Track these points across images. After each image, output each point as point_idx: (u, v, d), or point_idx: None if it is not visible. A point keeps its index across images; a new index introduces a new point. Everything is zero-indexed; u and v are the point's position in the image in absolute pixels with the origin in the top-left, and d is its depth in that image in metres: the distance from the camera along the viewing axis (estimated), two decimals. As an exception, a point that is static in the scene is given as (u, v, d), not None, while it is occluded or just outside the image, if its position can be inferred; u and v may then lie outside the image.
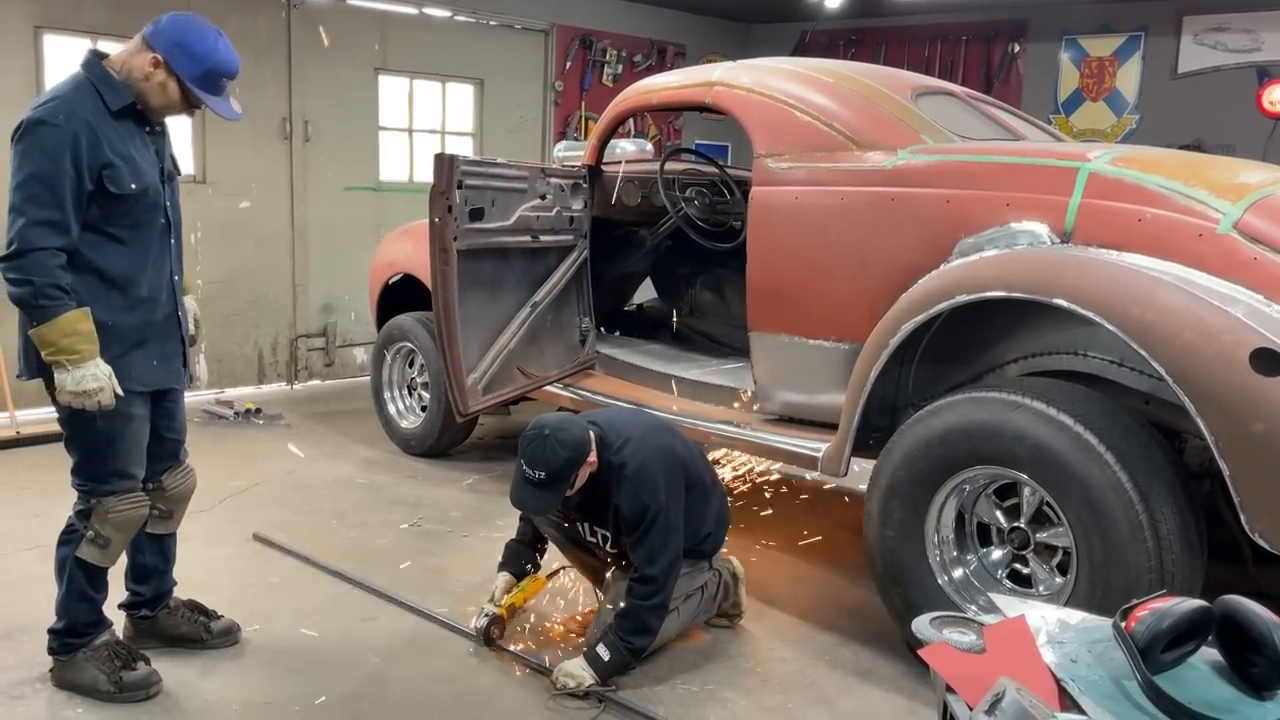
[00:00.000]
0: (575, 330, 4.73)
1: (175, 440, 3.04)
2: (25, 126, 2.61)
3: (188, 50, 2.70)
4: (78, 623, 2.88)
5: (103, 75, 2.71)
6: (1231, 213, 2.76)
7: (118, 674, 2.84)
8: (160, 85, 2.72)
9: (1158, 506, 2.65)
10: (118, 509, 2.80)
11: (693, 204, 4.69)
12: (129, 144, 2.72)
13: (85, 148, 2.59)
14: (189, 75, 2.70)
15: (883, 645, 3.35)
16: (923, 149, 3.45)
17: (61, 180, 2.57)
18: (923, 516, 3.07)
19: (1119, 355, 3.07)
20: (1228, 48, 7.20)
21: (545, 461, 2.92)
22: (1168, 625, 1.50)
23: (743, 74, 4.06)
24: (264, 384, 6.98)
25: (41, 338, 2.60)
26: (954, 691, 1.52)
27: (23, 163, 2.59)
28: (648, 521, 3.01)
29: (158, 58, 2.69)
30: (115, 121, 2.69)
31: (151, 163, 2.80)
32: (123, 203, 2.68)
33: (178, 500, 3.07)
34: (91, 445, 2.77)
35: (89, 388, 2.61)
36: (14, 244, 2.58)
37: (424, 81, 7.61)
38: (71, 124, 2.58)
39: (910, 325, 3.12)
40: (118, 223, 2.71)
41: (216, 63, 2.74)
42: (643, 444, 3.11)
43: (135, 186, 2.69)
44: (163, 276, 2.86)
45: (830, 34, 9.12)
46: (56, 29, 5.89)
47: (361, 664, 3.13)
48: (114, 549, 2.84)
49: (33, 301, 2.58)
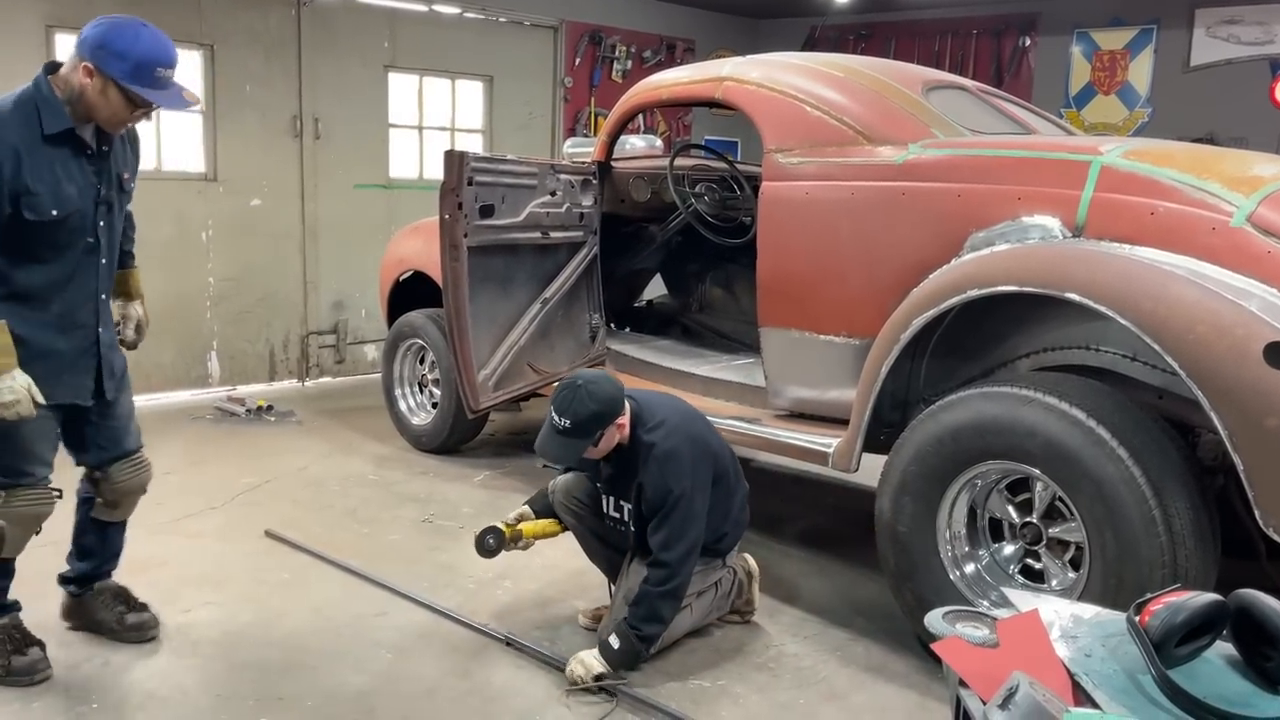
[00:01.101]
0: (585, 326, 4.73)
1: (116, 428, 3.05)
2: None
3: (111, 49, 2.61)
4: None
5: (46, 97, 2.66)
6: (1245, 206, 2.74)
7: (7, 658, 2.91)
8: (99, 93, 2.64)
9: (1171, 501, 2.64)
10: (15, 503, 2.82)
11: (703, 200, 4.69)
12: (58, 168, 2.68)
13: (6, 174, 2.58)
14: (120, 74, 2.61)
15: (895, 641, 3.34)
16: (933, 143, 3.44)
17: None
18: (934, 512, 3.07)
19: (1131, 350, 3.05)
20: (1240, 40, 7.16)
21: (572, 411, 2.96)
22: (1182, 619, 1.50)
23: (752, 69, 4.06)
24: (275, 381, 7.00)
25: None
26: (967, 686, 1.52)
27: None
28: (669, 505, 3.02)
29: (88, 65, 2.62)
30: (48, 145, 2.65)
31: (85, 186, 2.75)
32: (41, 228, 2.67)
33: (125, 492, 3.10)
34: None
35: (6, 400, 2.63)
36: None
37: (434, 79, 7.62)
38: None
39: (921, 320, 3.11)
40: (36, 244, 2.70)
41: (142, 54, 2.62)
42: (677, 429, 3.13)
43: (56, 213, 2.67)
44: (82, 296, 2.86)
45: (840, 29, 9.10)
46: (68, 28, 5.91)
47: (374, 659, 3.14)
48: (16, 542, 2.86)
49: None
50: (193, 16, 6.33)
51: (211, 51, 6.44)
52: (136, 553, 3.92)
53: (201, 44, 6.41)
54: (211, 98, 6.49)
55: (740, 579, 3.41)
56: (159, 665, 3.08)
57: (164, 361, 6.44)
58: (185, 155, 6.50)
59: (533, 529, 3.38)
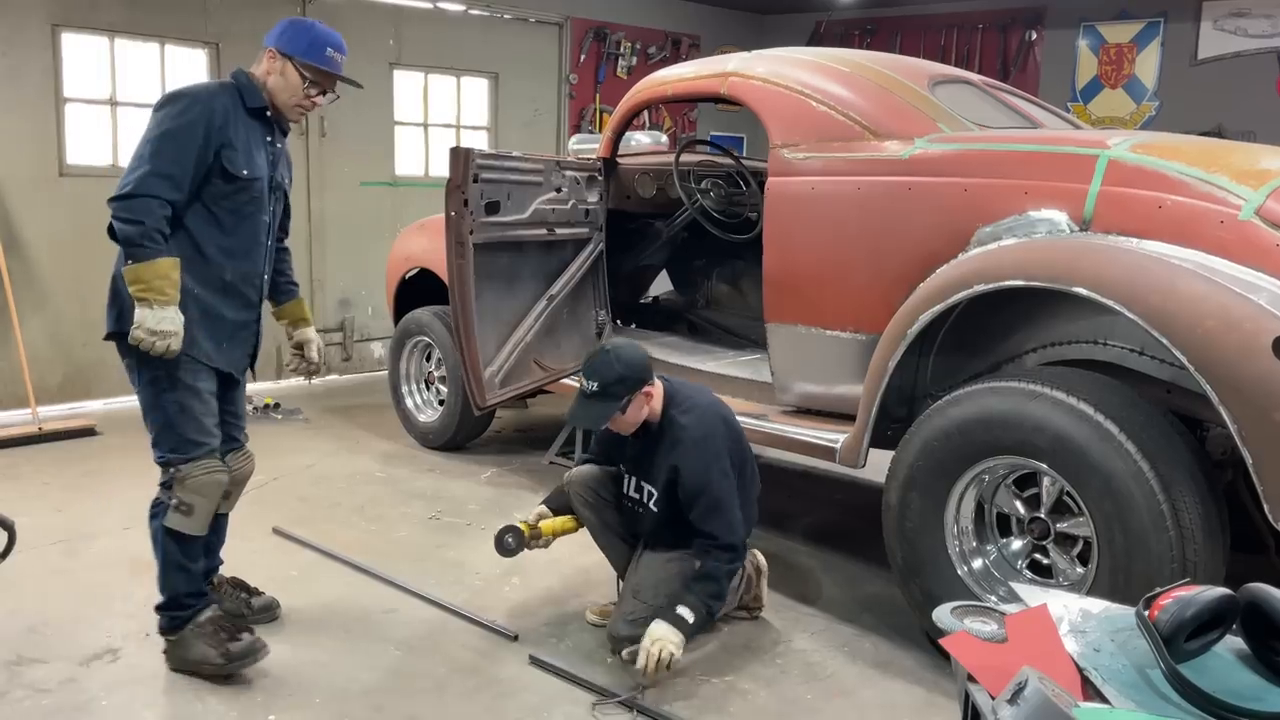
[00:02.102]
0: (591, 323, 4.73)
1: (236, 424, 3.19)
2: (169, 96, 2.86)
3: (290, 32, 3.00)
4: (178, 593, 3.00)
5: (244, 82, 2.98)
6: (1253, 199, 2.73)
7: (224, 645, 2.94)
8: (280, 74, 2.97)
9: (1180, 496, 2.63)
10: (195, 475, 2.92)
11: (708, 196, 4.68)
12: (251, 140, 2.95)
13: (216, 124, 2.83)
14: (297, 50, 2.95)
15: (903, 637, 3.34)
16: (940, 138, 3.43)
17: (190, 144, 2.79)
18: (942, 507, 3.06)
19: (1139, 344, 3.04)
20: (1248, 33, 7.13)
21: (600, 374, 3.04)
22: (1192, 614, 1.49)
23: (757, 64, 4.05)
24: (282, 379, 7.01)
25: (136, 276, 2.73)
26: (976, 681, 1.51)
27: (160, 123, 2.81)
28: (714, 489, 3.06)
29: (272, 50, 2.98)
30: (246, 117, 2.94)
31: (265, 164, 3.00)
32: (231, 185, 2.88)
33: (238, 482, 3.19)
34: (167, 416, 2.91)
35: (165, 328, 2.74)
36: (128, 186, 2.75)
37: (439, 76, 7.62)
38: (212, 102, 2.85)
39: (928, 315, 3.10)
40: (222, 204, 2.90)
41: (316, 35, 3.01)
42: (709, 412, 3.19)
43: (246, 173, 2.90)
44: (251, 270, 3.03)
45: (845, 23, 9.08)
46: (74, 28, 5.93)
47: (381, 656, 3.15)
48: (199, 515, 2.95)
49: (138, 241, 2.72)
50: (198, 15, 6.34)
51: (217, 50, 6.45)
52: (144, 551, 3.93)
53: (207, 43, 6.42)
54: (217, 96, 6.49)
55: (749, 574, 3.41)
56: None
57: (171, 360, 6.45)
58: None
59: (551, 526, 3.38)
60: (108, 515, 4.30)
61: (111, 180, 6.22)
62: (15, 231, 5.80)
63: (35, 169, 5.85)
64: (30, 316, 5.83)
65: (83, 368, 6.14)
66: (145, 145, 2.81)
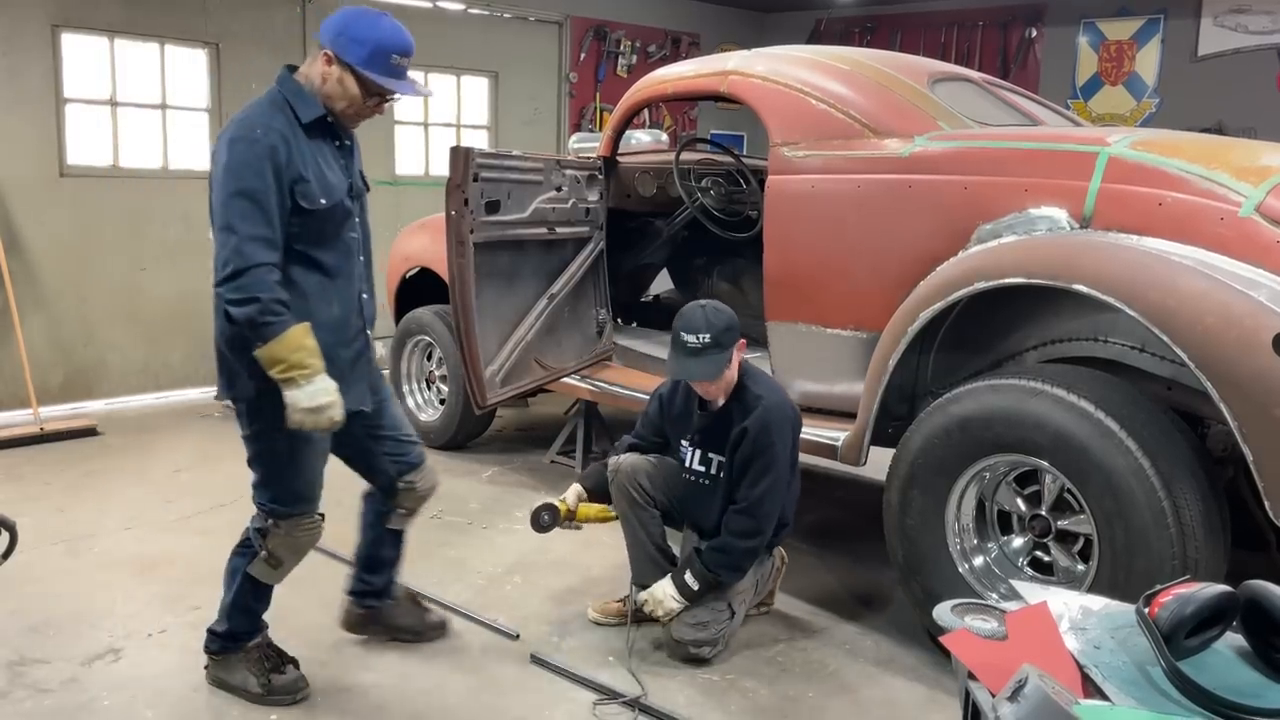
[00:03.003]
0: (592, 322, 4.73)
1: (399, 436, 2.99)
2: (226, 145, 2.55)
3: (350, 35, 2.62)
4: (238, 630, 2.90)
5: (294, 89, 2.66)
6: (1254, 195, 2.73)
7: (267, 676, 2.86)
8: (338, 82, 2.64)
9: (1180, 493, 2.63)
10: (294, 533, 2.79)
11: (709, 194, 4.68)
12: (319, 158, 2.65)
13: (281, 161, 2.54)
14: (357, 60, 2.61)
15: (904, 634, 3.34)
16: (940, 135, 3.43)
17: (267, 195, 2.51)
18: (943, 505, 3.06)
19: (1140, 341, 3.04)
20: (1248, 29, 7.12)
21: (709, 323, 3.05)
22: (1192, 611, 1.49)
23: (757, 62, 4.05)
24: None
25: (271, 356, 2.50)
26: (976, 679, 1.51)
27: (227, 180, 2.52)
28: (769, 460, 3.08)
29: (328, 53, 2.63)
30: (307, 135, 2.63)
31: (340, 178, 2.71)
32: (313, 219, 2.61)
33: (423, 497, 3.09)
34: (274, 467, 2.73)
35: (321, 402, 2.53)
36: (230, 264, 2.48)
37: (439, 75, 7.62)
38: (269, 137, 2.53)
39: (929, 313, 3.10)
40: (308, 240, 2.63)
41: (380, 40, 2.62)
42: (779, 393, 3.24)
43: (325, 202, 2.62)
44: (352, 296, 2.79)
45: (846, 21, 9.07)
46: (74, 28, 5.93)
47: (383, 655, 3.15)
48: (284, 570, 2.85)
49: (259, 319, 2.47)
50: (198, 15, 6.34)
51: (217, 50, 6.45)
52: (146, 550, 3.94)
53: (207, 43, 6.42)
54: (217, 96, 6.50)
55: (776, 565, 3.43)
56: (169, 662, 3.09)
57: (172, 361, 6.46)
58: (191, 154, 6.51)
59: (587, 512, 3.36)
60: (109, 515, 4.31)
61: (112, 181, 6.30)
62: (16, 232, 5.80)
63: (36, 169, 5.85)
64: (31, 317, 5.84)
65: (84, 368, 6.15)
66: (224, 210, 2.52)
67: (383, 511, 3.08)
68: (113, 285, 6.20)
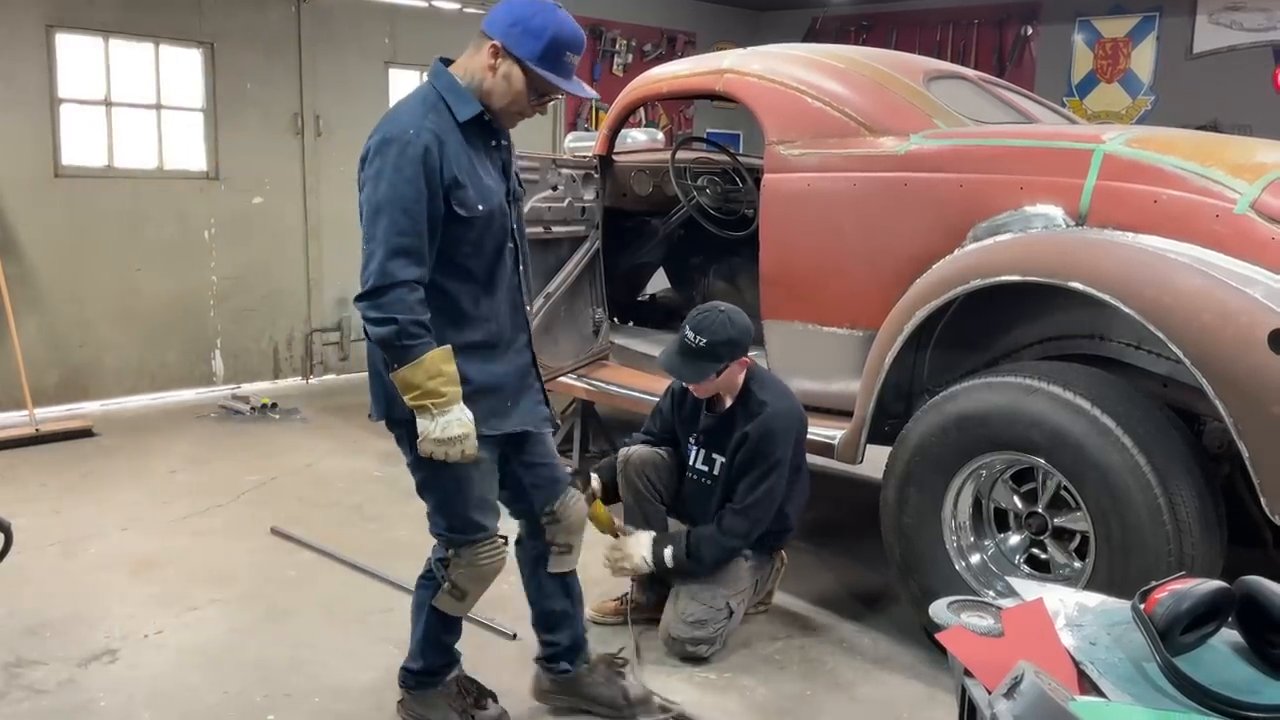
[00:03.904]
0: (589, 321, 4.73)
1: (551, 463, 2.71)
2: (376, 147, 2.33)
3: (527, 26, 2.36)
4: (434, 666, 2.76)
5: (449, 84, 2.41)
6: (1249, 192, 2.73)
7: (470, 712, 2.73)
8: (504, 77, 2.39)
9: (1176, 490, 2.63)
10: (476, 561, 2.60)
11: (705, 193, 4.68)
12: (476, 161, 2.42)
13: (435, 164, 2.31)
14: (531, 55, 2.36)
15: (901, 632, 3.34)
16: (935, 133, 3.43)
17: (418, 203, 2.29)
18: (939, 503, 3.06)
19: (1136, 338, 3.05)
20: (1243, 27, 7.13)
21: (712, 331, 3.05)
22: (1187, 607, 1.49)
23: (753, 61, 4.05)
24: (279, 379, 7.01)
25: (405, 381, 2.31)
26: (972, 675, 1.51)
27: (376, 186, 2.31)
28: (768, 465, 3.11)
29: (496, 45, 2.37)
30: (463, 135, 2.39)
31: (498, 181, 2.48)
32: (469, 227, 2.38)
33: (573, 529, 2.75)
34: (442, 494, 2.54)
35: (453, 434, 2.33)
36: (372, 279, 2.29)
37: (434, 74, 7.61)
38: (421, 138, 2.30)
39: (925, 311, 3.10)
40: (463, 250, 2.40)
41: (558, 35, 2.38)
42: (788, 398, 3.25)
43: (482, 209, 2.38)
44: (512, 310, 2.56)
45: (841, 19, 9.08)
46: (68, 28, 5.92)
47: (381, 655, 3.15)
48: (470, 600, 2.67)
49: (396, 342, 2.28)
50: (192, 14, 6.33)
51: (211, 49, 6.45)
52: (143, 551, 3.94)
53: (201, 42, 6.42)
54: (212, 96, 6.49)
55: (776, 566, 3.45)
56: (166, 663, 3.08)
57: (168, 360, 6.45)
58: (186, 154, 6.51)
59: (598, 511, 3.23)
60: (105, 516, 4.30)
61: (107, 181, 6.30)
62: (11, 233, 5.79)
63: (30, 170, 5.85)
64: (26, 318, 5.83)
65: (79, 369, 6.14)
66: (370, 220, 2.31)
67: (537, 555, 2.77)
68: (108, 285, 6.20)
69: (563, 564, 2.75)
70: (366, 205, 2.33)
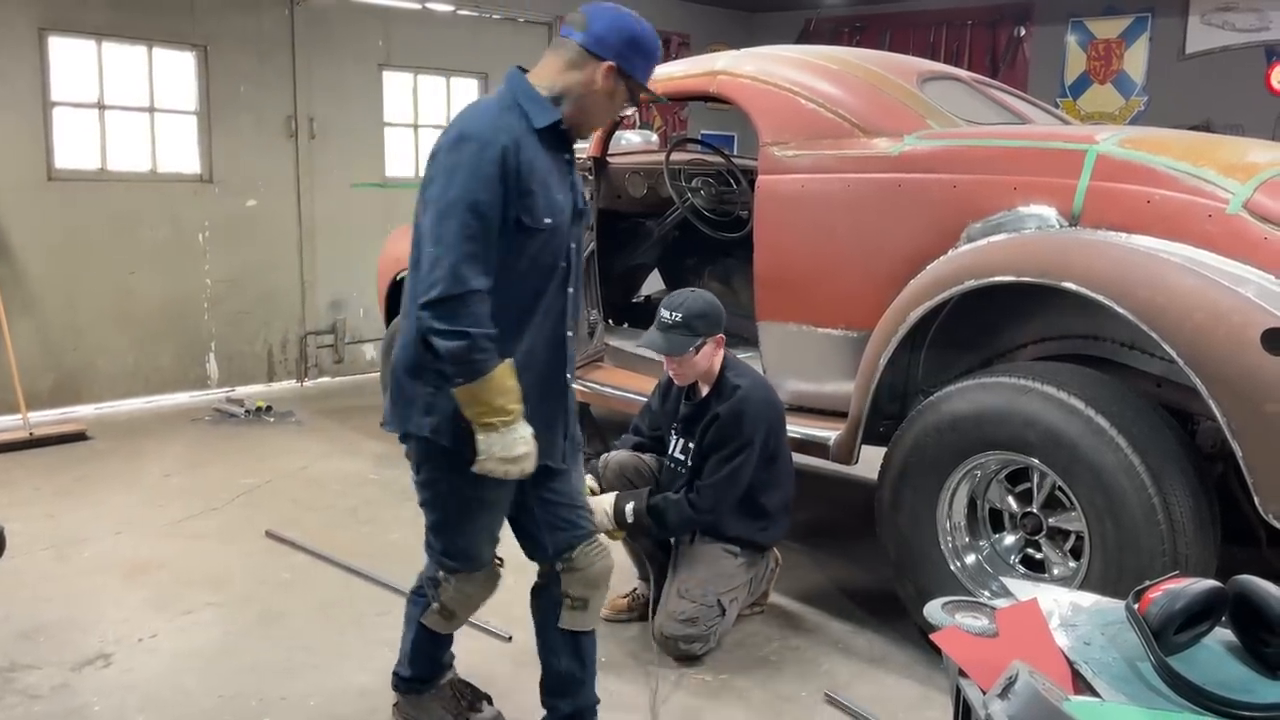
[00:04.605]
0: (584, 323, 4.73)
1: (574, 503, 2.50)
2: (451, 144, 2.19)
3: (639, 48, 2.28)
4: (424, 674, 2.73)
5: (529, 92, 2.27)
6: (1241, 192, 2.74)
7: (465, 715, 2.72)
8: (608, 95, 2.29)
9: (1170, 489, 2.64)
10: (464, 589, 2.53)
11: (699, 194, 4.68)
12: (547, 171, 2.27)
13: (512, 168, 2.17)
14: (637, 73, 2.28)
15: (897, 633, 3.35)
16: (929, 134, 3.44)
17: (492, 209, 2.15)
18: (934, 503, 3.07)
19: (1130, 338, 3.05)
20: (1235, 27, 7.15)
21: (686, 306, 3.15)
22: (1181, 606, 1.50)
23: (746, 62, 4.05)
24: (274, 382, 7.00)
25: (473, 397, 2.16)
26: (966, 676, 1.51)
27: (448, 184, 2.15)
28: (734, 449, 3.15)
29: (612, 65, 2.25)
30: (537, 142, 2.25)
31: (566, 195, 2.33)
32: (531, 240, 2.23)
33: (594, 583, 2.47)
34: (445, 520, 2.44)
35: (518, 452, 2.20)
36: (440, 285, 2.11)
37: (428, 77, 7.61)
38: (500, 138, 2.16)
39: (919, 312, 3.11)
40: (517, 262, 2.24)
41: (653, 51, 2.32)
42: (761, 387, 3.30)
43: (549, 221, 2.25)
44: (555, 334, 2.38)
45: (835, 21, 9.09)
46: (61, 31, 5.91)
47: (376, 657, 3.14)
48: (459, 620, 2.63)
49: (467, 357, 2.13)
50: (185, 17, 6.32)
51: (205, 53, 6.44)
52: (138, 555, 3.93)
53: (195, 45, 6.40)
54: (205, 99, 6.48)
55: (771, 566, 3.45)
56: (161, 667, 3.08)
57: (162, 364, 6.44)
58: (180, 157, 6.49)
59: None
60: (99, 520, 4.29)
61: (100, 184, 6.29)
62: (4, 236, 5.78)
63: (23, 173, 5.83)
64: (20, 321, 5.81)
65: (73, 372, 6.12)
66: (441, 221, 2.14)
67: (549, 607, 2.51)
68: (101, 289, 6.18)
69: (574, 620, 2.48)
70: (433, 205, 2.16)
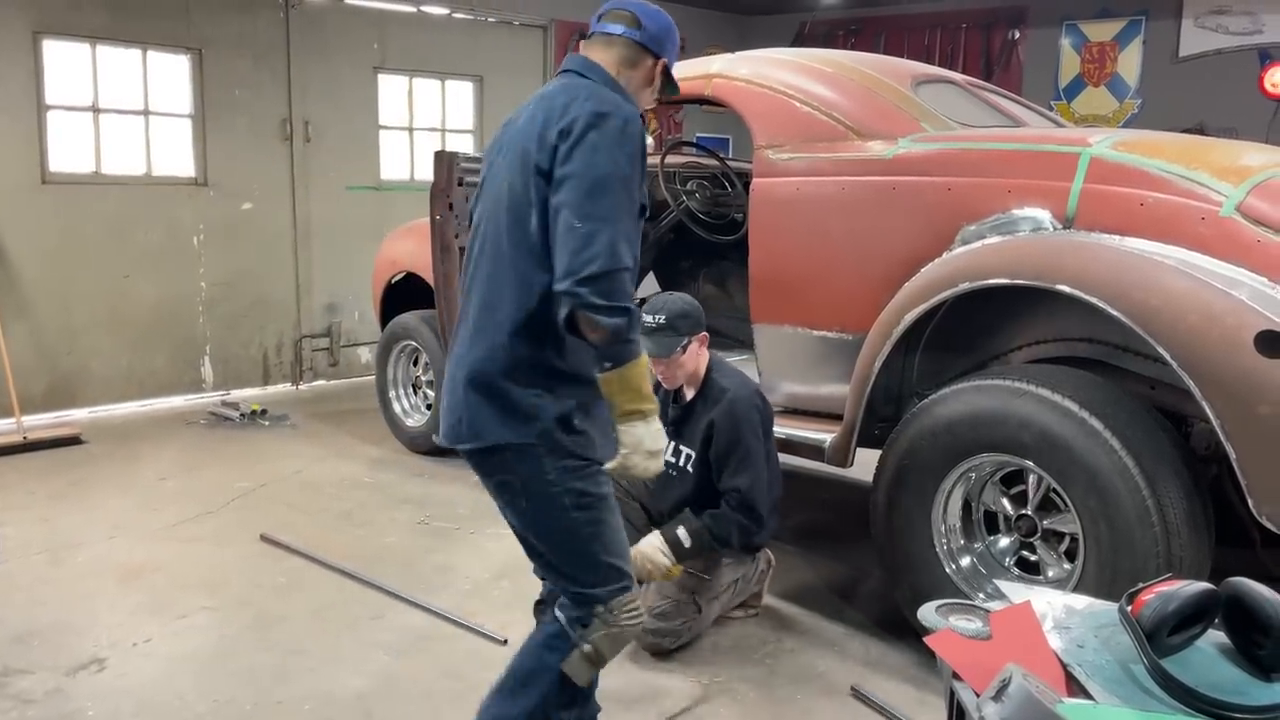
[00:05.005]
0: (579, 325, 4.73)
1: None
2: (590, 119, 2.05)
3: (672, 39, 2.32)
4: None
5: (612, 81, 2.23)
6: (1234, 195, 2.74)
7: None
8: (655, 92, 2.34)
9: (1164, 491, 2.64)
10: (621, 617, 2.19)
11: (694, 197, 4.68)
12: None
13: (640, 151, 2.11)
14: (675, 61, 2.35)
15: (892, 635, 3.34)
16: (923, 137, 3.44)
17: (636, 185, 2.08)
18: (929, 506, 3.07)
19: (1124, 340, 3.06)
20: (1229, 30, 7.17)
21: (666, 309, 3.20)
22: (1174, 608, 1.50)
23: (741, 65, 4.06)
24: (269, 385, 6.99)
25: (626, 383, 2.04)
26: (960, 679, 1.52)
27: (593, 159, 2.02)
28: (742, 453, 3.20)
29: (665, 62, 2.30)
30: None
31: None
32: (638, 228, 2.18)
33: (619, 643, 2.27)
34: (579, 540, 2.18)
35: (660, 445, 2.10)
36: (600, 261, 1.96)
37: (423, 79, 7.61)
38: (638, 118, 2.13)
39: (914, 314, 3.11)
40: None
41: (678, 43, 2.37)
42: (747, 386, 3.34)
43: (647, 210, 2.21)
44: None
45: (830, 24, 9.10)
46: (55, 34, 5.90)
47: (371, 661, 3.14)
48: (605, 665, 2.26)
49: (628, 335, 2.00)
50: (180, 20, 6.32)
51: (199, 56, 6.43)
52: (132, 558, 3.92)
53: (189, 48, 6.40)
54: (200, 102, 6.48)
55: (761, 569, 3.45)
56: (155, 671, 3.07)
57: (157, 367, 6.43)
58: (175, 160, 6.49)
59: None
60: (94, 524, 4.28)
61: (95, 188, 6.28)
62: (-2, 240, 5.77)
63: (18, 177, 5.82)
64: (14, 325, 5.80)
65: (67, 376, 6.11)
66: (589, 193, 2.01)
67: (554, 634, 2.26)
68: (96, 292, 6.17)
69: (578, 669, 2.21)
70: (581, 179, 2.02)
